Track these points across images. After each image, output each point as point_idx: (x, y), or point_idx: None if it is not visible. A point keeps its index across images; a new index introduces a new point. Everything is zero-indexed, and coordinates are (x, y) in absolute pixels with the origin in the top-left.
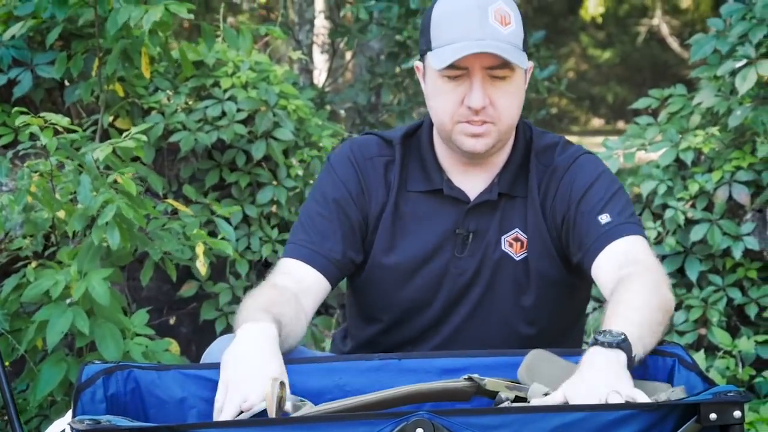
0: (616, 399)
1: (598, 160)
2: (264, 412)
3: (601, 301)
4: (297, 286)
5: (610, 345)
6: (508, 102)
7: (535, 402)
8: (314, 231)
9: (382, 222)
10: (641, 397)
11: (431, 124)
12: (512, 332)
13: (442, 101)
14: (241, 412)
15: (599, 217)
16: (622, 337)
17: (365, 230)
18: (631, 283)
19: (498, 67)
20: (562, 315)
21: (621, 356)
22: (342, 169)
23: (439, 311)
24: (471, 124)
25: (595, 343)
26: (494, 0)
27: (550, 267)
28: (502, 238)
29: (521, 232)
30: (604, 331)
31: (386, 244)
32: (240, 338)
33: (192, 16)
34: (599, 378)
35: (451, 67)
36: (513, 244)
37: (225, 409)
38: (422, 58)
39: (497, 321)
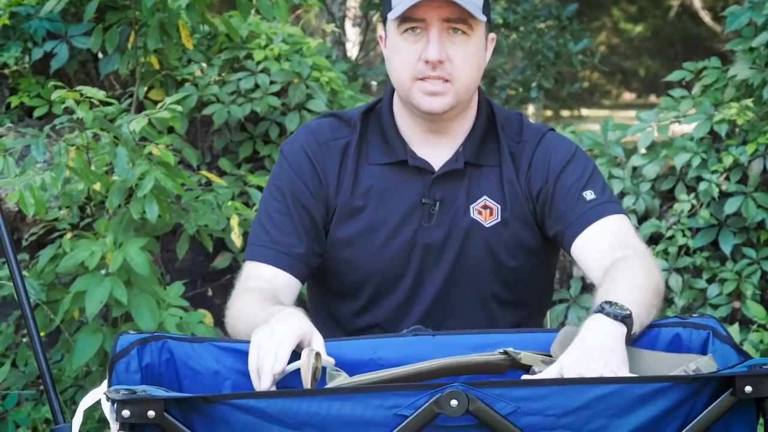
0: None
1: (567, 138)
2: (297, 374)
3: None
4: (270, 286)
5: (615, 317)
6: (465, 59)
7: (527, 377)
8: (274, 229)
9: (340, 196)
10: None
11: (391, 96)
12: (490, 296)
13: (400, 58)
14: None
15: (584, 194)
16: (628, 312)
17: (328, 219)
18: (629, 264)
19: (456, 20)
20: (537, 281)
21: (623, 330)
22: (295, 160)
23: (412, 282)
24: (429, 82)
25: (601, 311)
26: None
27: (527, 233)
28: (471, 206)
29: (490, 200)
30: (611, 302)
31: (347, 215)
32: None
33: None
34: (596, 353)
35: (409, 20)
36: (482, 212)
37: (265, 365)
38: (385, 26)
39: (473, 288)
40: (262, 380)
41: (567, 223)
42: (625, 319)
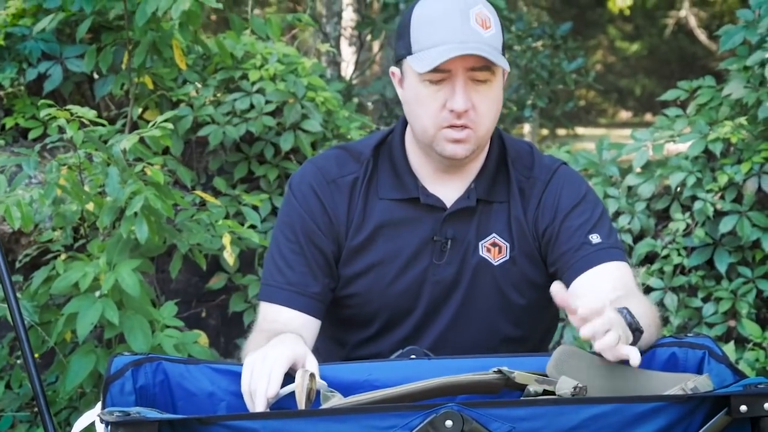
0: (620, 349)
1: (579, 174)
2: (291, 395)
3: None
4: (286, 328)
5: (630, 325)
6: (488, 107)
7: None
8: (288, 268)
9: (350, 234)
10: (632, 354)
11: (402, 130)
12: (497, 334)
13: (424, 107)
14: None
15: (590, 236)
16: (642, 330)
17: (339, 255)
18: (634, 300)
19: (480, 69)
20: (544, 317)
21: (631, 338)
22: (304, 198)
23: (421, 316)
24: (453, 130)
25: (619, 314)
26: (475, 4)
27: (534, 270)
28: (480, 243)
29: (499, 238)
30: (630, 311)
31: (357, 251)
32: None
33: (221, 5)
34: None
35: (435, 70)
36: (491, 250)
37: (258, 388)
38: (399, 64)
39: (481, 324)
40: (256, 404)
41: (569, 262)
42: (636, 330)
